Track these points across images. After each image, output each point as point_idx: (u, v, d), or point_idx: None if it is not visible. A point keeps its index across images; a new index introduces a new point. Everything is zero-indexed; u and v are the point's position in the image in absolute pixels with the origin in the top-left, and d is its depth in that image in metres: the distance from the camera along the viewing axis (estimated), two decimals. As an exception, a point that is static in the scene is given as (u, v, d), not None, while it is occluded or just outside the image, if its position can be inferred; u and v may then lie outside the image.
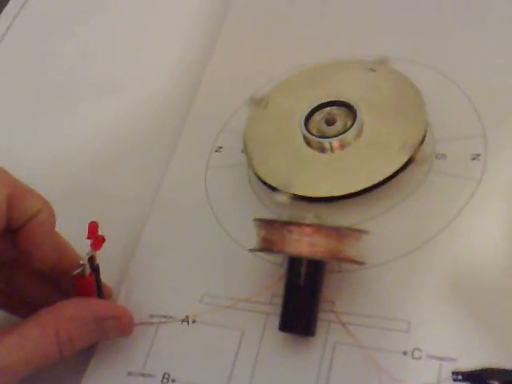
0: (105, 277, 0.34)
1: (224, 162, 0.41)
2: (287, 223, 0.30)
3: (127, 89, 0.46)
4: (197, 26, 0.47)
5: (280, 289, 0.32)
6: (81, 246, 0.33)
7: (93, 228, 0.32)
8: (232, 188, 0.39)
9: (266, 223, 0.31)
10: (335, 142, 0.36)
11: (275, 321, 0.32)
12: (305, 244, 0.30)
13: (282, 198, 0.35)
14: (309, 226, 0.30)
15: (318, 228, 0.30)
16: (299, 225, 0.30)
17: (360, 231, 0.31)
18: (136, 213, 0.40)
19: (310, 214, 0.32)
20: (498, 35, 0.41)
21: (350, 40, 0.44)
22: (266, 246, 0.31)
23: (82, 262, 0.32)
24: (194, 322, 0.34)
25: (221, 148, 0.42)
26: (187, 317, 0.34)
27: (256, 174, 0.38)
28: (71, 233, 0.34)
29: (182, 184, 0.41)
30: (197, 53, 0.47)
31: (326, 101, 0.38)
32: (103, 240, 0.32)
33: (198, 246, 0.37)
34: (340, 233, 0.30)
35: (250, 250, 0.32)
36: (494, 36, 0.41)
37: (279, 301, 0.32)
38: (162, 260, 0.37)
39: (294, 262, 0.31)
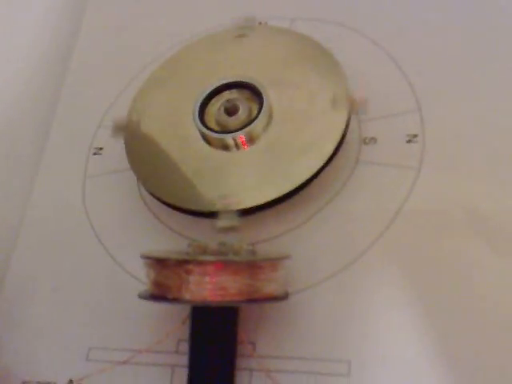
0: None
1: (106, 168, 0.32)
2: (184, 261, 0.23)
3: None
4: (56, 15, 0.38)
5: (187, 332, 0.25)
6: None
7: None
8: (119, 202, 0.31)
9: (156, 262, 0.24)
10: (240, 136, 0.29)
11: (183, 375, 0.25)
12: (208, 287, 0.23)
13: (226, 224, 0.27)
14: (213, 262, 0.23)
15: (225, 264, 0.23)
16: (200, 262, 0.23)
17: (279, 259, 0.24)
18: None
19: (212, 243, 0.24)
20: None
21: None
22: (159, 293, 0.24)
23: None
24: (79, 388, 0.26)
25: (101, 149, 0.33)
26: (71, 381, 0.27)
27: (147, 191, 0.30)
28: None
29: (55, 200, 0.33)
30: (60, 38, 0.37)
31: (221, 84, 0.30)
32: None
33: (81, 282, 0.29)
34: (254, 266, 0.23)
35: (140, 297, 0.24)
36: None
37: (187, 347, 0.25)
38: (34, 305, 0.29)
39: (197, 312, 0.24)
